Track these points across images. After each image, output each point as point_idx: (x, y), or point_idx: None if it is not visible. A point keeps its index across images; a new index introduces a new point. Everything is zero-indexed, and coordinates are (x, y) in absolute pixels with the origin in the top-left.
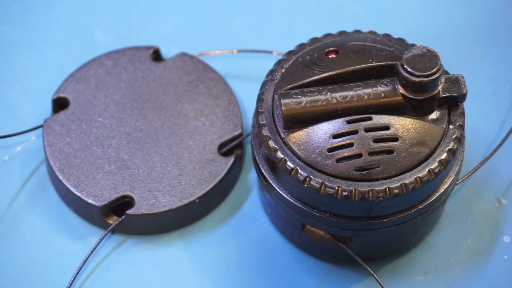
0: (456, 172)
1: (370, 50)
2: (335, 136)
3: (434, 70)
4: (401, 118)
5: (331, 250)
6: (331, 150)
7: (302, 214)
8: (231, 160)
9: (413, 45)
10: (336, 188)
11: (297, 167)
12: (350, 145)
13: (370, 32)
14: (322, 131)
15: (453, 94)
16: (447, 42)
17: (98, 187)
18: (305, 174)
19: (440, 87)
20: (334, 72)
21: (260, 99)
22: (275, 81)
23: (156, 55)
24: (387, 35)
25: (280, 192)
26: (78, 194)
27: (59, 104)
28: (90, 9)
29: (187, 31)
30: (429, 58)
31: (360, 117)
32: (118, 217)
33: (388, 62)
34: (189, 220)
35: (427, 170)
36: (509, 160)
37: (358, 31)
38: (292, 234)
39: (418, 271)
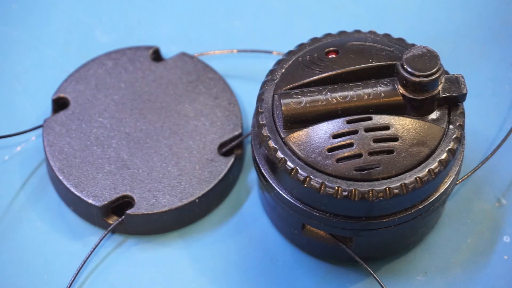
0: (456, 172)
1: (370, 50)
2: (335, 136)
3: (434, 70)
4: (401, 118)
5: (331, 250)
6: (331, 150)
7: (302, 214)
8: (231, 160)
9: (413, 45)
10: (336, 188)
11: (297, 167)
12: (350, 145)
13: (370, 32)
14: (322, 131)
15: (453, 94)
16: (447, 42)
17: (98, 187)
18: (305, 174)
19: (440, 87)
20: (334, 72)
21: (260, 99)
22: (275, 81)
23: (156, 55)
24: (387, 35)
25: (280, 192)
26: (78, 194)
27: (59, 104)
28: (90, 9)
29: (187, 31)
30: (429, 58)
31: (360, 117)
32: (118, 217)
33: (388, 62)
34: (189, 220)
35: (427, 170)
36: (509, 160)
37: (358, 31)
38: (292, 234)
39: (418, 271)
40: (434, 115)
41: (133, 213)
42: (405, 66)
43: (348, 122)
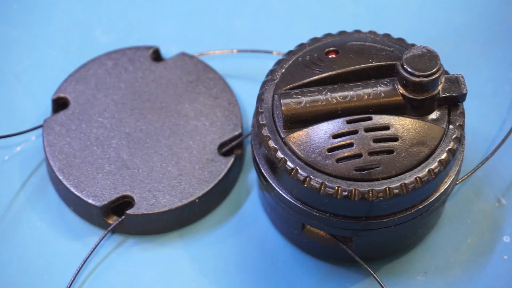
0: (456, 172)
1: (370, 50)
2: (335, 136)
3: (434, 70)
4: (401, 118)
5: (331, 250)
6: (331, 150)
7: (302, 214)
8: (231, 160)
9: (413, 45)
10: (336, 188)
11: (297, 167)
12: (350, 145)
13: (370, 32)
14: (322, 131)
15: (453, 94)
16: (447, 42)
17: (98, 187)
18: (305, 174)
19: (440, 87)
20: (334, 72)
21: (260, 99)
22: (275, 81)
23: (156, 55)
24: (387, 35)
25: (280, 192)
26: (78, 194)
27: (59, 104)
28: (90, 9)
29: (187, 31)
30: (429, 58)
31: (360, 117)
32: (118, 217)
33: (388, 62)
34: (189, 220)
35: (427, 170)
36: (509, 160)
37: (358, 31)
38: (292, 234)
39: (418, 271)
40: (434, 115)
41: (133, 213)
42: (405, 66)
43: (348, 122)
